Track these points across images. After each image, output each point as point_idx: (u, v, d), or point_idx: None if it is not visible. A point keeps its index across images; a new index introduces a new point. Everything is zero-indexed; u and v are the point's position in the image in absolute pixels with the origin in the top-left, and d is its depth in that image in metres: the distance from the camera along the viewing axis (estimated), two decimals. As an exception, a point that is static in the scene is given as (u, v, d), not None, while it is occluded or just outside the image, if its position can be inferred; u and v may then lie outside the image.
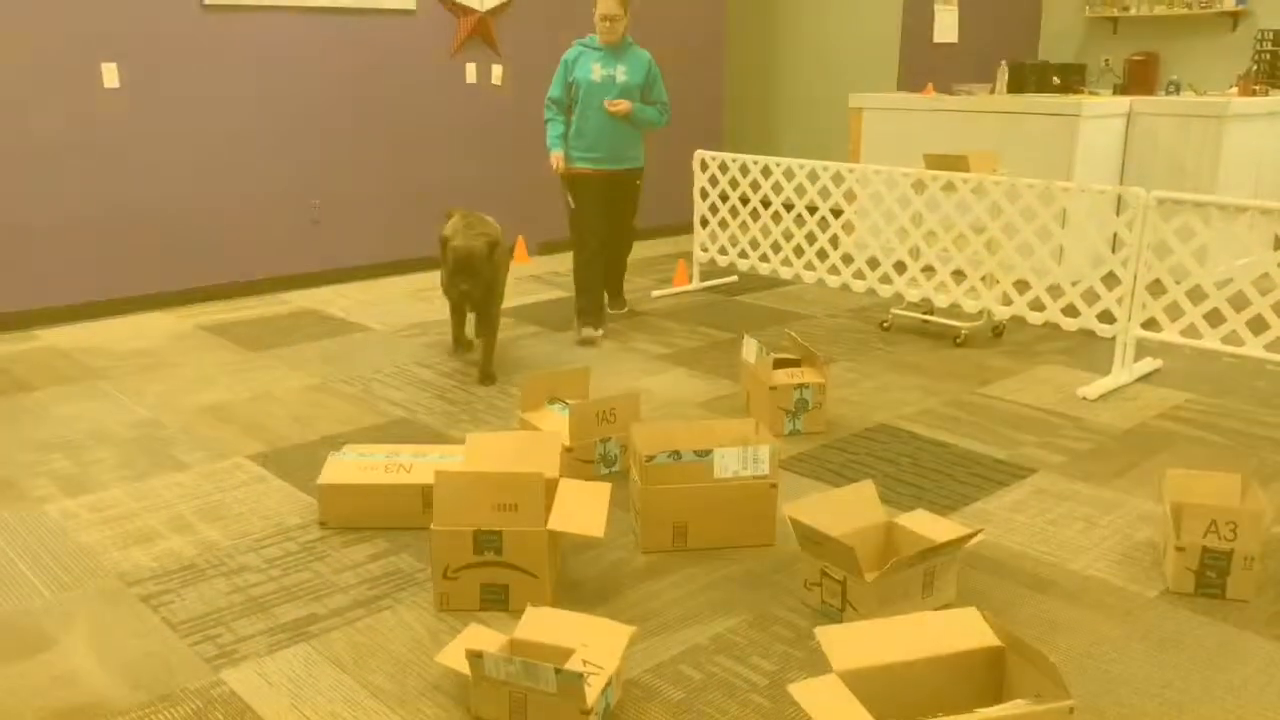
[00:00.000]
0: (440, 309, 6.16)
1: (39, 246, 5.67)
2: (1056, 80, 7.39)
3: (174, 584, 2.97)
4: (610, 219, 5.50)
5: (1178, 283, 4.66)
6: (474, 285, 4.59)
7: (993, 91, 7.25)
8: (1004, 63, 7.36)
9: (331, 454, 3.49)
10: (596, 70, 5.26)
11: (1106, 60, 8.61)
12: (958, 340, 5.43)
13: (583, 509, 2.87)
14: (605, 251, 5.57)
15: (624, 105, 5.25)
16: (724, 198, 7.74)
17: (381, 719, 2.38)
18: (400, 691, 2.48)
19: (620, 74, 5.28)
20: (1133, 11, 8.85)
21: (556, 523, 2.79)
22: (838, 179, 6.28)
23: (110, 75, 5.72)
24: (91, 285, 5.88)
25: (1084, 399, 4.59)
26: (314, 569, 3.06)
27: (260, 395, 4.59)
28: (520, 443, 3.14)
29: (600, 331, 5.48)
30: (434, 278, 7.02)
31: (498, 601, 2.82)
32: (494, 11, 7.23)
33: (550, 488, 2.91)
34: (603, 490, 2.97)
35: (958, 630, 2.34)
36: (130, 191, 5.92)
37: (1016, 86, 7.28)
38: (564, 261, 7.60)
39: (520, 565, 2.79)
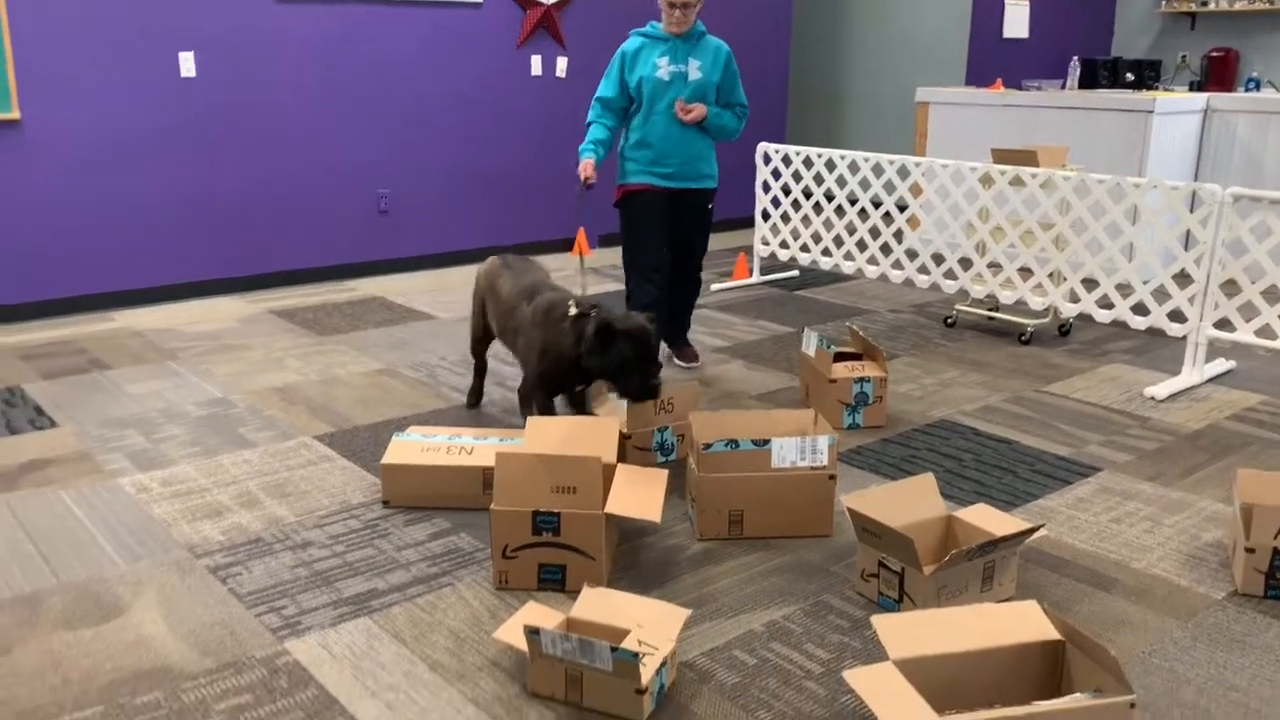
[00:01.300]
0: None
1: (117, 232, 5.84)
2: (1130, 76, 7.24)
3: (241, 557, 3.05)
4: (676, 250, 4.55)
5: (1253, 282, 4.54)
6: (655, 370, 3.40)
7: (1064, 87, 7.13)
8: (1076, 59, 7.23)
9: (395, 435, 3.55)
10: (664, 65, 4.30)
11: (1183, 56, 8.42)
12: (1023, 338, 5.36)
13: (640, 494, 2.89)
14: (667, 292, 4.55)
15: (699, 110, 4.32)
16: (786, 191, 7.70)
17: (440, 692, 2.42)
18: (459, 666, 2.52)
19: (694, 70, 4.33)
20: (1211, 7, 8.63)
21: (614, 506, 2.81)
22: (903, 173, 6.22)
23: (187, 64, 5.87)
24: (166, 270, 6.05)
25: (1152, 399, 4.50)
26: (377, 546, 3.12)
27: (327, 378, 4.69)
28: (579, 428, 3.17)
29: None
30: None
31: (555, 581, 2.85)
32: (559, 4, 7.28)
33: (608, 472, 2.93)
34: (660, 476, 2.99)
35: (1017, 622, 2.31)
36: (204, 179, 6.07)
37: (1088, 82, 7.15)
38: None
39: (577, 546, 2.82)
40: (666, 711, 2.36)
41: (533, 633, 2.34)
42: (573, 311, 3.41)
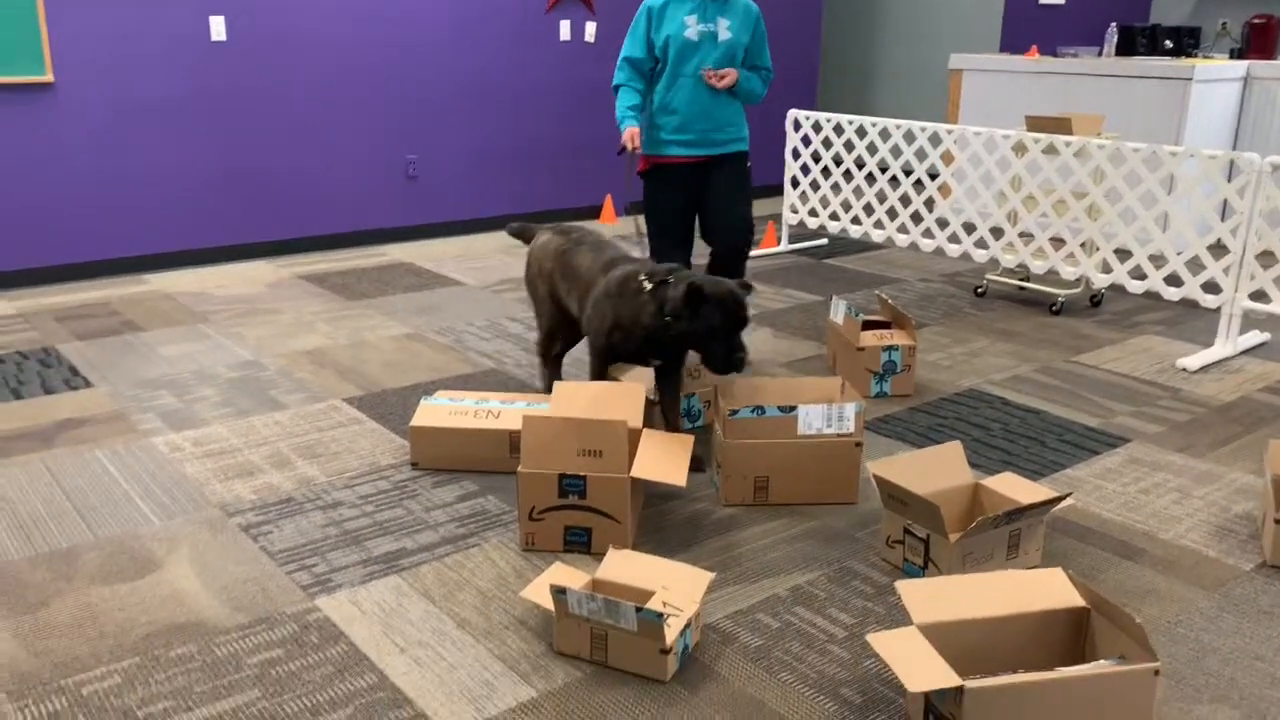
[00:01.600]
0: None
1: (149, 196, 5.88)
2: (1168, 43, 7.11)
3: (272, 516, 3.09)
4: (714, 221, 4.20)
5: (1290, 253, 4.47)
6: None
7: (1100, 54, 7.01)
8: (1113, 25, 7.10)
9: (423, 398, 3.58)
10: (691, 24, 4.02)
11: (1224, 23, 8.25)
12: (1054, 308, 5.31)
13: (665, 458, 2.90)
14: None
15: (732, 76, 4.03)
16: (816, 159, 7.65)
17: (468, 649, 2.45)
18: (486, 624, 2.55)
19: (723, 29, 4.03)
20: (1254, -28, 8.42)
21: (640, 470, 2.83)
22: (934, 140, 6.16)
23: (218, 28, 5.88)
24: (197, 234, 6.10)
25: (1184, 370, 4.45)
26: (405, 506, 3.15)
27: (356, 342, 4.72)
28: (605, 392, 3.18)
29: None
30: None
31: (580, 544, 2.88)
32: (590, -31, 7.23)
33: (634, 437, 2.94)
34: (686, 441, 3.00)
35: (1042, 589, 2.31)
36: (234, 144, 6.10)
37: (1126, 49, 7.03)
38: (653, 221, 7.61)
39: (603, 509, 2.84)
40: (690, 672, 2.38)
41: (559, 592, 2.36)
42: (647, 283, 3.19)
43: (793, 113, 6.51)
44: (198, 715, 2.22)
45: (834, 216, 6.81)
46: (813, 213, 7.10)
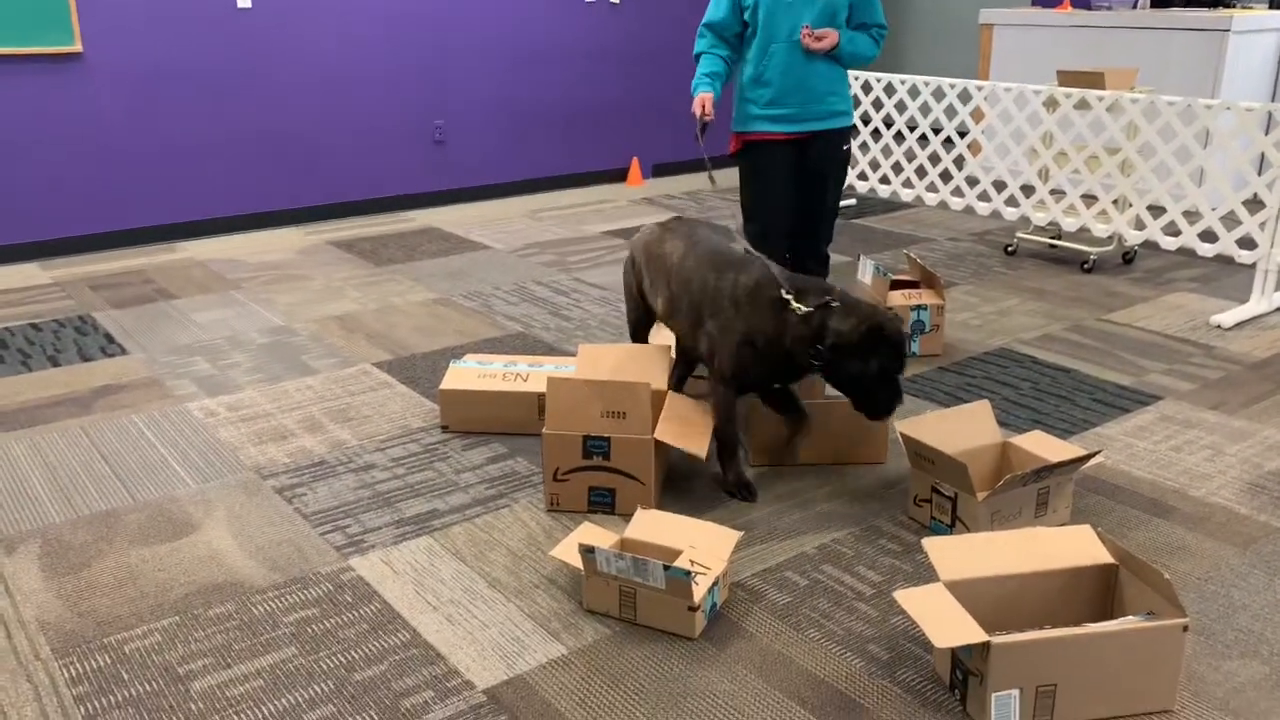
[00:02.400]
0: (558, 229, 6.24)
1: (179, 164, 5.93)
2: (1206, -7, 6.95)
3: (306, 478, 3.14)
4: (800, 208, 3.69)
5: (1328, 206, 4.39)
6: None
7: (1135, 6, 6.88)
8: (1149, -25, 6.95)
9: (453, 362, 3.61)
10: None
11: (1263, -28, 8.04)
12: (1085, 266, 5.25)
13: (690, 425, 2.90)
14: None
15: (832, 37, 3.48)
16: (844, 119, 7.58)
17: (499, 607, 2.49)
18: (517, 583, 2.59)
19: None
20: (1296, -82, 8.21)
21: (663, 434, 2.84)
22: (964, 97, 6.08)
23: (244, -5, 5.89)
24: (227, 201, 6.14)
25: (1218, 327, 4.40)
26: (436, 468, 3.19)
27: (385, 307, 4.76)
28: (631, 354, 3.19)
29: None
30: (551, 198, 7.12)
31: (605, 504, 2.90)
32: (614, -72, 7.16)
33: (658, 399, 2.96)
34: (705, 412, 2.99)
35: (1070, 546, 2.31)
36: (263, 111, 6.13)
37: (1162, 1, 6.88)
38: (677, 183, 7.60)
39: (627, 470, 2.86)
40: (718, 629, 2.41)
41: (588, 551, 2.39)
42: (797, 302, 2.78)
43: (820, 71, 6.43)
44: (236, 671, 2.27)
45: (862, 176, 6.75)
46: (841, 172, 7.04)
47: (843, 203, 6.80)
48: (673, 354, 3.32)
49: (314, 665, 2.29)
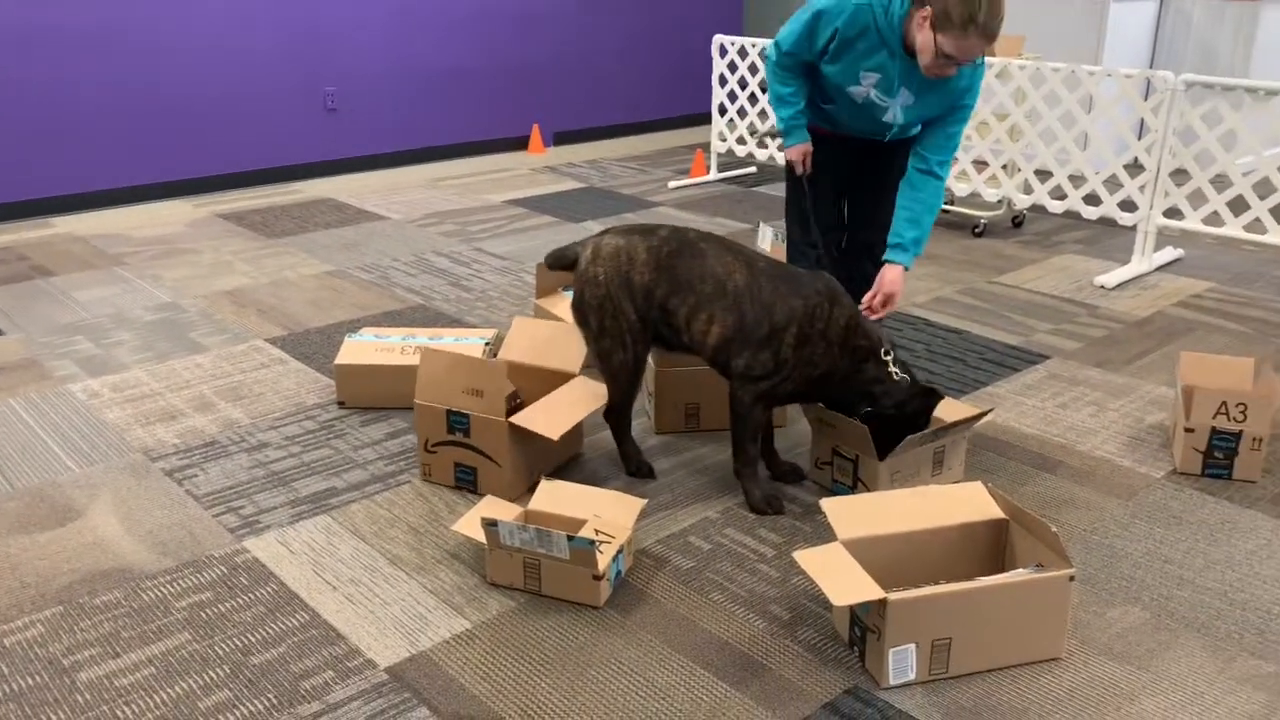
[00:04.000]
0: (458, 198, 6.13)
1: (53, 135, 5.64)
2: (1088, -38, 7.14)
3: (197, 459, 3.04)
4: (856, 203, 3.30)
5: (1202, 170, 4.57)
6: None
7: (1022, -26, 7.03)
8: (1034, -56, 7.11)
9: (348, 336, 3.52)
10: (867, 83, 2.92)
11: (1142, -58, 8.30)
12: (976, 230, 5.38)
13: (559, 411, 2.80)
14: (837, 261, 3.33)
15: (893, 304, 3.04)
16: (743, 85, 7.58)
17: (401, 584, 2.45)
18: (419, 560, 2.55)
19: (902, 102, 2.94)
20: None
21: (520, 417, 2.75)
22: (859, 65, 6.12)
23: (117, -44, 5.61)
24: (107, 174, 5.88)
25: (1101, 288, 4.56)
26: (333, 446, 3.12)
27: (277, 281, 4.62)
28: (555, 333, 3.11)
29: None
30: (450, 167, 6.99)
31: (468, 482, 2.85)
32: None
33: (558, 380, 2.91)
34: (598, 397, 2.88)
35: (962, 502, 2.38)
36: (144, 79, 5.86)
37: (1046, -31, 7.04)
38: (580, 151, 7.53)
39: (485, 450, 2.80)
40: (623, 596, 2.41)
41: (490, 524, 2.37)
42: (890, 359, 2.69)
43: (718, 38, 6.43)
44: (126, 660, 2.19)
45: (762, 144, 6.78)
46: (740, 141, 7.07)
47: (743, 170, 6.84)
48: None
49: (208, 650, 2.23)
